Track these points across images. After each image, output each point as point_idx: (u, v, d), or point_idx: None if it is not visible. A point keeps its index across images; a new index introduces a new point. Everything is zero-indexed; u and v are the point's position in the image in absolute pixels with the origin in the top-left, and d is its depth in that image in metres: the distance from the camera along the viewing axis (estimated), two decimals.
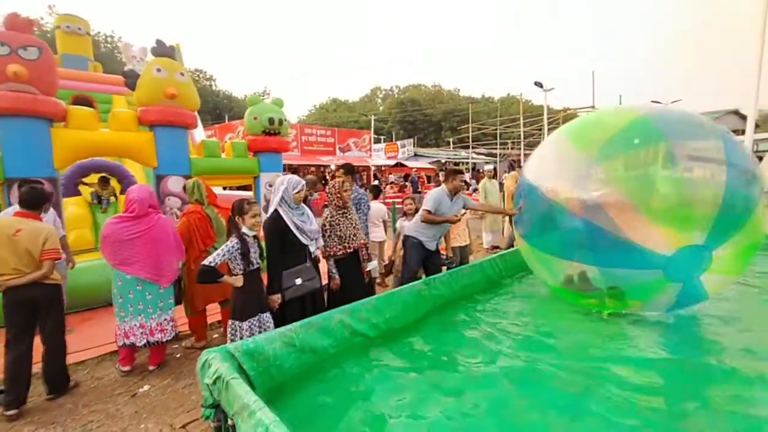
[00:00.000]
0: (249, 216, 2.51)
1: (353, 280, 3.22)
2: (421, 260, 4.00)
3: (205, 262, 2.37)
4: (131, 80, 4.80)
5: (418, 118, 47.38)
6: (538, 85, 18.49)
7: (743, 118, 30.80)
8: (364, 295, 3.25)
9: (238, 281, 2.54)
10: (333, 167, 19.66)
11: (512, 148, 29.35)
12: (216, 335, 3.79)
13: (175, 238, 3.05)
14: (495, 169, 11.55)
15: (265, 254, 2.78)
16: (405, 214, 4.71)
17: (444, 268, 4.25)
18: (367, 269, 3.49)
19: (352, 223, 3.23)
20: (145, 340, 2.91)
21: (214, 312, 3.75)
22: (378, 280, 5.20)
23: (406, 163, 24.08)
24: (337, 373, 2.57)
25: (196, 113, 5.42)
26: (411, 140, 30.41)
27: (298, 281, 2.83)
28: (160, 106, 4.81)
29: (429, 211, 3.82)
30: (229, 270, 2.59)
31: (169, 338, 2.97)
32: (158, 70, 4.82)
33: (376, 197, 5.06)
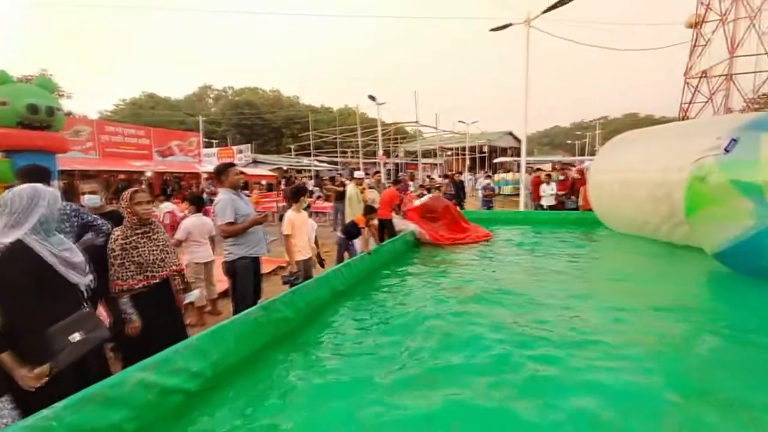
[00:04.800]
0: None
1: (162, 320, 2.45)
2: (251, 282, 3.44)
3: None
4: None
5: (256, 122, 44.74)
6: (372, 98, 19.88)
7: (516, 138, 40.98)
8: (181, 336, 2.54)
9: None
10: (150, 174, 16.47)
11: (352, 157, 30.91)
12: None
13: None
14: (367, 173, 10.94)
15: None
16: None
17: (287, 286, 3.81)
18: (187, 301, 2.76)
19: (158, 245, 2.46)
20: None
21: None
22: (208, 308, 4.35)
23: (245, 170, 22.21)
24: None
25: None
26: (249, 146, 28.38)
27: (77, 336, 1.91)
28: None
29: (231, 222, 3.19)
30: None
31: None
32: None
33: (198, 210, 4.21)
